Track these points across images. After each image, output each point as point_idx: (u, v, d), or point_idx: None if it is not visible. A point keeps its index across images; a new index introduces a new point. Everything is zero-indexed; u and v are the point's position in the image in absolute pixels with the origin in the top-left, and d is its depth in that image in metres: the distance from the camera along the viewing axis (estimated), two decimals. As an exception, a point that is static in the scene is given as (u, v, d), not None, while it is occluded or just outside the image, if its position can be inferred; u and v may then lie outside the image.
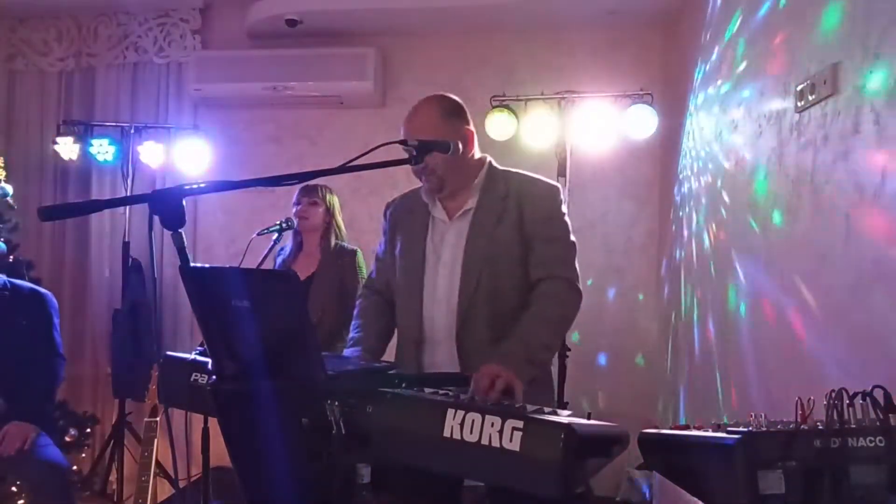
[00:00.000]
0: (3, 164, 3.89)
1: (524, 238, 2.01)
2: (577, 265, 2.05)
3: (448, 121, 2.04)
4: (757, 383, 2.42)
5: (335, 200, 3.52)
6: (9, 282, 3.26)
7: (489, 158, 2.15)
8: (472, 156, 2.10)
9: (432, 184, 2.07)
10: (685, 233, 3.59)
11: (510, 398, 1.64)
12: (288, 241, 3.51)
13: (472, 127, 2.11)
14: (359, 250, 3.51)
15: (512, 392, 1.66)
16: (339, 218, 3.52)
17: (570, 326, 2.04)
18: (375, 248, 2.28)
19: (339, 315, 3.30)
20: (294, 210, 3.44)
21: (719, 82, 3.05)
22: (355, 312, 2.22)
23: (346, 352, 2.06)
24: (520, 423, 1.30)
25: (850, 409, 1.11)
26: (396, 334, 2.17)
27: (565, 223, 2.07)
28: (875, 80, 1.69)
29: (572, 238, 2.08)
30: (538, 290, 1.98)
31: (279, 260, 3.51)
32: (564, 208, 2.10)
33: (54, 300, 3.35)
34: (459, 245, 2.04)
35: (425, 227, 2.11)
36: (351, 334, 2.14)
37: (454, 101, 2.11)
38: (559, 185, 2.13)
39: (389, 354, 2.17)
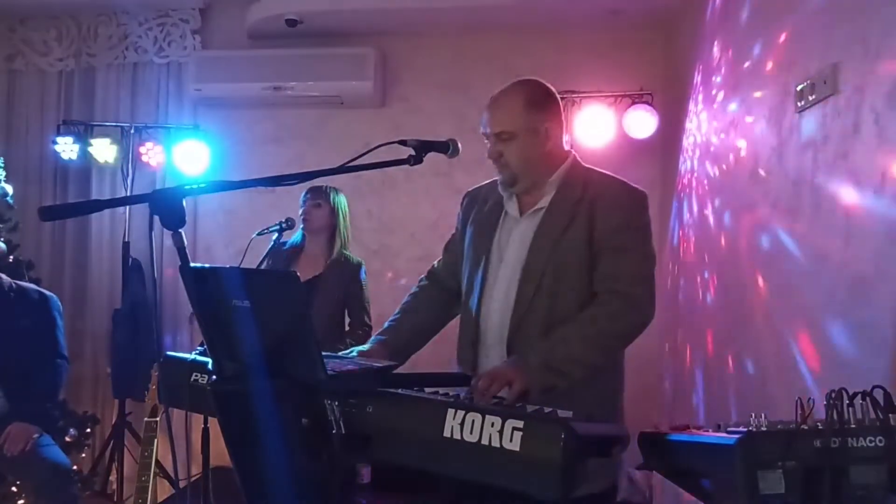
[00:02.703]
0: (2, 164, 3.89)
1: (592, 247, 1.87)
2: (648, 280, 1.88)
3: (529, 112, 1.91)
4: (757, 383, 2.42)
5: (342, 201, 3.41)
6: (14, 283, 3.27)
7: (574, 154, 2.02)
8: (552, 151, 1.96)
9: (505, 177, 1.95)
10: (685, 233, 3.59)
11: (506, 397, 1.62)
12: (290, 236, 3.38)
13: (559, 119, 1.98)
14: (363, 262, 3.42)
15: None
16: (343, 220, 3.39)
17: (621, 344, 1.88)
18: (376, 248, 2.27)
19: (336, 328, 3.28)
20: (299, 211, 3.37)
21: (719, 82, 3.05)
22: (405, 298, 2.14)
23: (371, 341, 2.02)
24: (520, 423, 1.30)
25: (850, 409, 1.11)
26: (458, 332, 2.06)
27: (641, 234, 1.91)
28: (875, 80, 1.69)
29: (648, 250, 1.91)
30: (592, 303, 1.85)
31: (284, 254, 3.35)
32: (646, 217, 1.94)
33: (58, 302, 3.36)
34: (524, 245, 1.92)
35: (496, 222, 2.00)
36: (387, 322, 2.08)
37: (543, 89, 1.97)
38: (645, 192, 1.97)
39: (444, 348, 2.10)
